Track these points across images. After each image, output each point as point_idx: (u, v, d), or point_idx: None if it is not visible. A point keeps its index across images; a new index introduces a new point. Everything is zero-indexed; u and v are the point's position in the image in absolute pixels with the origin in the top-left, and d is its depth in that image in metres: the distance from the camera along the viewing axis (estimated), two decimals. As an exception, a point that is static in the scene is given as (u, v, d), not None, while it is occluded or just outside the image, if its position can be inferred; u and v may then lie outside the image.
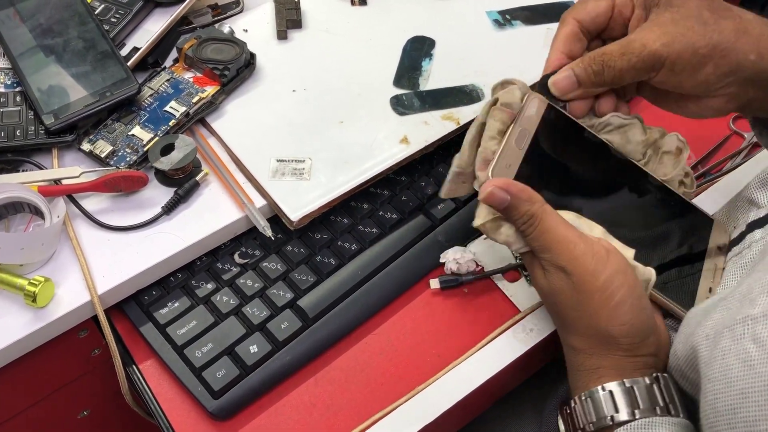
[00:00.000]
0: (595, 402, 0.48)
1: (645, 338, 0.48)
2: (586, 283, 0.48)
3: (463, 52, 0.73)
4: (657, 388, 0.47)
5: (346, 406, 0.55)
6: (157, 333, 0.57)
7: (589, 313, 0.48)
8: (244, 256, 0.61)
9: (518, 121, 0.53)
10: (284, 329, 0.57)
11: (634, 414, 0.46)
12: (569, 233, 0.49)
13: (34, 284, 0.53)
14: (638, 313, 0.48)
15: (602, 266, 0.48)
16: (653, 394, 0.47)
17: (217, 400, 0.54)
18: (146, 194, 0.62)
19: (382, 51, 0.73)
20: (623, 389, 0.47)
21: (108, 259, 0.57)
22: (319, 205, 0.60)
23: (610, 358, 0.49)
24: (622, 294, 0.48)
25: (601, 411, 0.47)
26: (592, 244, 0.49)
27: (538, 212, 0.49)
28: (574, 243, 0.48)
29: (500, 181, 0.50)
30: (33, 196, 0.58)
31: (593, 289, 0.48)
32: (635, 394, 0.47)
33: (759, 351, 0.38)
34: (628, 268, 0.49)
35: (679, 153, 0.56)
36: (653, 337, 0.49)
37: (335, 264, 0.60)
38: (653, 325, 0.49)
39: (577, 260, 0.48)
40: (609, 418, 0.47)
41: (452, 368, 0.56)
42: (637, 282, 0.49)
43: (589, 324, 0.49)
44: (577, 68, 0.52)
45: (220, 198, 0.62)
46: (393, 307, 0.60)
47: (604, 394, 0.47)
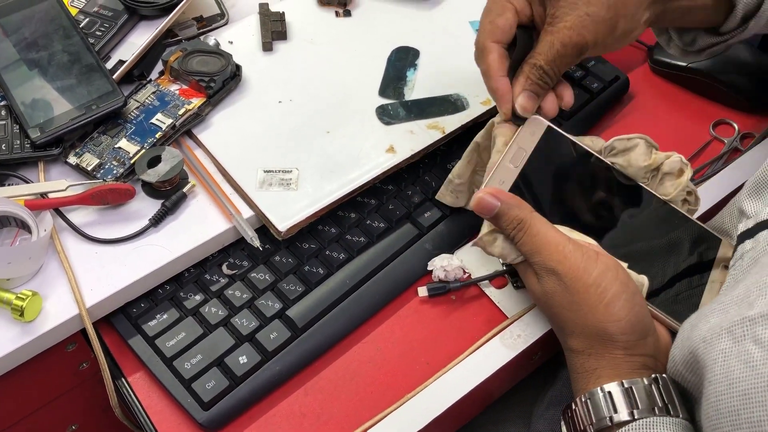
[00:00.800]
0: (595, 403, 0.48)
1: (642, 337, 0.49)
2: (578, 280, 0.49)
3: (447, 61, 0.74)
4: (656, 388, 0.47)
5: (336, 415, 0.55)
6: (145, 345, 0.57)
7: (585, 312, 0.49)
8: (233, 267, 0.61)
9: (515, 140, 0.55)
10: (273, 339, 0.57)
11: (633, 414, 0.46)
12: (558, 236, 0.50)
13: (21, 298, 0.53)
14: (634, 310, 0.49)
15: (593, 263, 0.49)
16: (652, 394, 0.47)
17: (207, 411, 0.54)
18: (133, 206, 0.62)
19: (367, 61, 0.73)
20: (622, 390, 0.48)
21: (96, 272, 0.57)
22: (306, 215, 0.60)
23: (608, 358, 0.49)
24: (616, 289, 0.48)
25: (600, 412, 0.48)
26: (581, 245, 0.50)
27: (527, 217, 0.51)
28: (563, 244, 0.50)
29: (490, 189, 0.52)
30: (19, 210, 0.57)
31: (586, 285, 0.49)
32: (634, 395, 0.47)
33: (761, 352, 0.39)
34: (619, 267, 0.50)
35: (681, 174, 0.57)
36: (651, 338, 0.50)
37: (323, 273, 0.61)
38: (651, 326, 0.50)
39: (567, 260, 0.49)
40: (608, 418, 0.47)
41: (441, 375, 0.56)
42: (631, 281, 0.50)
43: (585, 323, 0.50)
44: (529, 86, 0.55)
45: (207, 209, 0.62)
46: (381, 315, 0.60)
47: (602, 395, 0.48)
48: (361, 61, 0.73)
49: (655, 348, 0.50)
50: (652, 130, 0.67)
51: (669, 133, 0.75)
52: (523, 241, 0.51)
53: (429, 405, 0.54)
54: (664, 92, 0.79)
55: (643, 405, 0.47)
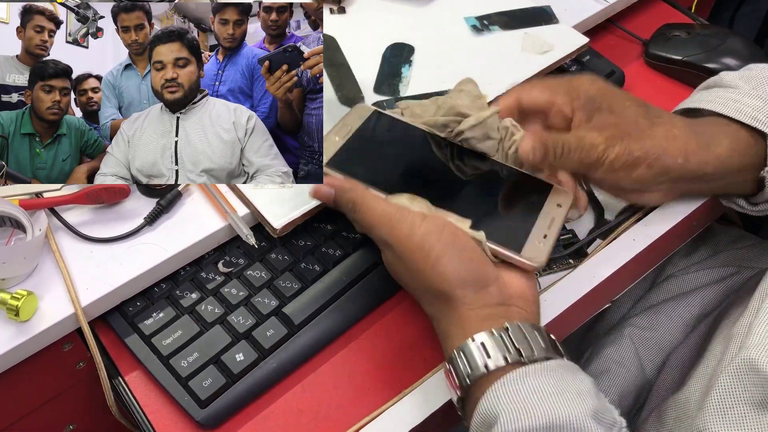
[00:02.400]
0: (455, 365, 0.49)
1: (481, 288, 0.50)
2: (404, 246, 0.51)
3: (442, 58, 0.74)
4: (506, 336, 0.48)
5: (333, 411, 0.55)
6: (142, 344, 0.57)
7: (419, 276, 0.51)
8: (228, 265, 0.61)
9: (342, 120, 0.61)
10: (270, 337, 0.57)
11: (487, 366, 0.47)
12: (388, 208, 0.53)
13: (16, 298, 0.53)
14: (463, 264, 0.50)
15: (417, 228, 0.51)
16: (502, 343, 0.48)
17: (204, 409, 0.54)
18: (128, 205, 0.62)
19: (361, 58, 0.73)
20: (475, 345, 0.48)
21: (91, 271, 0.57)
22: (302, 213, 0.60)
23: (455, 318, 0.51)
24: (439, 249, 0.50)
25: (461, 370, 0.49)
26: (407, 213, 0.52)
27: (358, 197, 0.54)
28: (390, 215, 0.52)
29: (326, 179, 0.55)
30: (14, 209, 0.57)
31: (411, 250, 0.51)
32: (484, 347, 0.48)
33: None
34: (446, 226, 0.52)
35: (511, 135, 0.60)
36: (494, 286, 0.51)
37: (319, 270, 0.61)
38: (490, 275, 0.51)
39: (394, 229, 0.52)
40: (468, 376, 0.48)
41: (439, 371, 0.56)
42: (458, 239, 0.51)
43: (423, 286, 0.52)
44: (546, 142, 0.56)
45: (202, 207, 0.62)
46: (378, 312, 0.60)
47: (455, 358, 0.49)
48: (355, 58, 0.73)
49: (501, 295, 0.51)
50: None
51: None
52: (359, 220, 0.54)
53: (427, 401, 0.54)
54: (660, 86, 0.79)
55: (495, 354, 0.47)
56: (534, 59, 0.73)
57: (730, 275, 0.73)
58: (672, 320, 0.71)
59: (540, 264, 0.53)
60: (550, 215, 0.56)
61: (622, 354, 0.70)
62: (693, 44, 0.78)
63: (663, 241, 0.63)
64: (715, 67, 0.75)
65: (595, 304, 0.65)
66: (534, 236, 0.54)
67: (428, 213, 0.53)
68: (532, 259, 0.52)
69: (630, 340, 0.70)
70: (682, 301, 0.72)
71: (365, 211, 0.53)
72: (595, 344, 0.73)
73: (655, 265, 0.70)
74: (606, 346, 0.71)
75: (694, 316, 0.72)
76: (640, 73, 0.80)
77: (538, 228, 0.55)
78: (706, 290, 0.73)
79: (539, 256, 0.53)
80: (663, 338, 0.71)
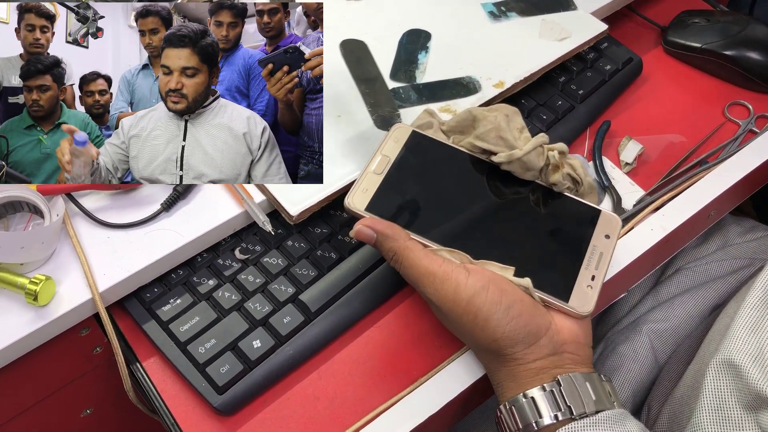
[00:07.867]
0: (504, 419, 0.50)
1: (532, 343, 0.49)
2: (451, 311, 0.50)
3: (459, 44, 0.73)
4: (557, 391, 0.48)
5: (349, 398, 0.55)
6: (159, 330, 0.57)
7: (468, 335, 0.51)
8: (245, 252, 0.61)
9: (379, 150, 0.57)
10: (286, 324, 0.57)
11: (536, 425, 0.48)
12: (430, 265, 0.51)
13: (35, 283, 0.53)
14: (511, 323, 0.49)
15: (461, 289, 0.49)
16: (554, 399, 0.48)
17: (222, 395, 0.54)
18: (145, 191, 0.62)
19: (377, 45, 0.73)
20: (525, 401, 0.49)
21: (108, 257, 0.57)
22: (318, 200, 0.60)
23: (504, 372, 0.50)
24: (486, 310, 0.49)
25: (512, 423, 0.49)
26: (451, 271, 0.50)
27: (401, 250, 0.52)
28: (434, 274, 0.50)
29: (368, 220, 0.53)
30: (32, 195, 0.57)
31: (458, 314, 0.50)
32: (535, 404, 0.48)
33: None
34: (491, 283, 0.50)
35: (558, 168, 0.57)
36: (545, 338, 0.50)
37: (336, 258, 0.60)
38: (540, 326, 0.50)
39: (438, 291, 0.50)
40: (519, 430, 0.49)
41: (455, 359, 0.56)
42: (505, 295, 0.50)
43: (473, 343, 0.52)
44: None
45: (219, 194, 0.62)
46: (394, 299, 0.60)
47: (506, 410, 0.49)
48: (371, 45, 0.73)
49: (553, 344, 0.50)
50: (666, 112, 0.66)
51: (683, 115, 0.74)
52: (402, 273, 0.53)
53: (443, 388, 0.54)
54: (678, 74, 0.78)
55: (546, 411, 0.48)
56: (552, 46, 0.72)
57: (741, 267, 0.73)
58: (687, 311, 0.71)
59: (589, 312, 0.51)
60: (597, 250, 0.54)
61: (636, 350, 0.70)
62: (712, 31, 0.77)
63: (680, 232, 0.63)
64: (735, 55, 0.74)
65: (611, 294, 0.65)
66: (582, 278, 0.52)
67: (471, 267, 0.51)
68: (580, 308, 0.51)
69: (647, 337, 0.70)
70: (696, 293, 0.72)
71: (408, 266, 0.51)
72: (609, 339, 0.73)
73: (670, 255, 0.70)
74: (621, 343, 0.71)
75: (710, 307, 0.71)
76: (659, 61, 0.79)
77: (586, 268, 0.53)
78: (719, 282, 0.72)
79: (587, 305, 0.51)
80: (678, 329, 0.71)
